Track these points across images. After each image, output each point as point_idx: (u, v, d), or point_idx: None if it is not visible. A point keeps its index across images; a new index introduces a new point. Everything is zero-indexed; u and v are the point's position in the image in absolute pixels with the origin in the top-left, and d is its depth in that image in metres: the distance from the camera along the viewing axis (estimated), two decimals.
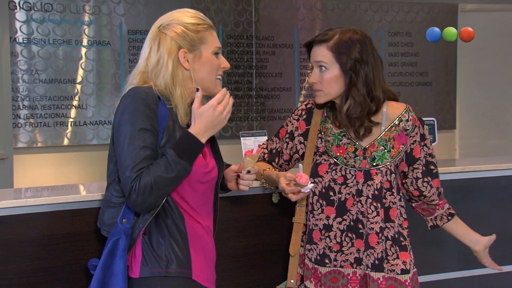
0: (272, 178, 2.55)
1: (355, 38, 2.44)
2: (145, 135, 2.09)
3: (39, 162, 5.54)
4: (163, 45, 2.20)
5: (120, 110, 2.13)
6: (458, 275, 3.39)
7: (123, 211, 2.15)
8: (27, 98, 5.41)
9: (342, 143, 2.52)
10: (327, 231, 2.52)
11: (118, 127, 2.12)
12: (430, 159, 2.58)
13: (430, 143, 2.59)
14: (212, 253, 2.31)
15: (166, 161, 2.07)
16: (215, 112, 2.15)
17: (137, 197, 2.05)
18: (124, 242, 2.13)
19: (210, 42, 2.24)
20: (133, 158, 2.06)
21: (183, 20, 2.22)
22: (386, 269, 2.48)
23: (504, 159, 3.78)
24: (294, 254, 2.61)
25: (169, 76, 2.18)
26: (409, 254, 2.52)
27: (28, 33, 5.40)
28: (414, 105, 6.73)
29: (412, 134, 2.52)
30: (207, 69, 2.25)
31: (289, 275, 2.60)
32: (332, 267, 2.52)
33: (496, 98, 7.18)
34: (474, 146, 7.08)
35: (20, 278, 2.40)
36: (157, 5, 5.69)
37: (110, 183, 2.21)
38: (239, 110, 6.00)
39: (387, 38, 6.64)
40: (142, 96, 2.12)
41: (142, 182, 2.04)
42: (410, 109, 2.54)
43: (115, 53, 5.67)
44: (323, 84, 2.45)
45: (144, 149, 2.07)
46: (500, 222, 3.47)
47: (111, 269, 2.13)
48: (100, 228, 2.25)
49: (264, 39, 6.19)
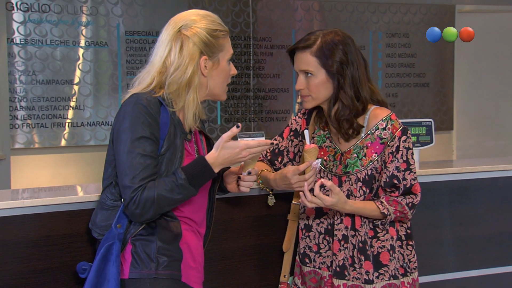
0: (269, 180, 2.55)
1: (337, 39, 2.42)
2: (145, 144, 2.08)
3: (37, 163, 5.53)
4: (186, 48, 2.17)
5: (121, 117, 2.12)
6: (455, 276, 3.39)
7: (118, 216, 2.15)
8: (24, 99, 5.40)
9: (325, 145, 2.52)
10: (307, 231, 2.55)
11: (118, 134, 2.11)
12: (396, 172, 2.42)
13: (406, 156, 2.43)
14: (201, 256, 2.32)
15: (175, 183, 2.07)
16: (239, 154, 2.13)
17: (136, 209, 2.06)
18: (118, 247, 2.13)
19: (227, 49, 2.25)
20: (133, 167, 2.06)
21: (206, 25, 2.20)
22: (350, 276, 2.45)
23: (502, 160, 3.79)
24: (286, 250, 2.66)
25: (185, 80, 2.16)
26: (372, 265, 2.44)
27: (26, 34, 5.39)
28: (412, 106, 6.74)
29: (390, 143, 2.43)
30: (222, 77, 2.26)
31: (283, 271, 2.67)
32: (312, 267, 2.54)
33: (494, 99, 7.18)
34: (472, 147, 7.09)
35: (17, 279, 2.39)
36: (155, 6, 5.68)
37: (106, 186, 2.21)
38: (236, 111, 5.99)
39: (385, 39, 6.64)
40: (143, 104, 2.10)
41: (144, 196, 2.04)
42: (391, 118, 2.45)
43: (112, 54, 5.66)
44: (311, 90, 2.43)
45: (144, 157, 2.07)
46: (497, 223, 3.47)
47: (104, 274, 2.13)
48: (91, 229, 2.24)
49: (261, 40, 6.18)
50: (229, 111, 5.97)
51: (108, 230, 2.16)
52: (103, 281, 2.13)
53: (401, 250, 2.48)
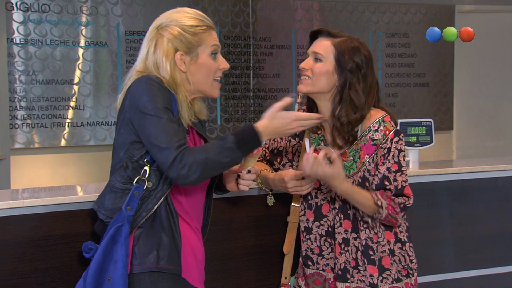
0: (268, 180, 2.55)
1: (362, 49, 2.42)
2: (169, 114, 2.09)
3: (36, 163, 5.53)
4: (159, 46, 2.19)
5: (136, 95, 2.11)
6: (455, 276, 3.39)
7: (128, 198, 2.14)
8: (24, 99, 5.40)
9: (319, 148, 2.51)
10: (308, 233, 2.54)
11: (138, 110, 2.09)
12: (387, 173, 2.39)
13: (397, 158, 2.41)
14: (202, 254, 2.31)
15: (223, 145, 2.06)
16: (289, 125, 2.14)
17: (183, 169, 2.02)
18: (127, 229, 2.12)
19: (207, 43, 2.23)
20: (166, 132, 2.05)
21: (181, 21, 2.21)
22: (353, 279, 2.44)
23: (501, 160, 3.79)
24: (287, 252, 2.65)
25: (170, 77, 2.17)
26: (377, 269, 2.43)
27: (25, 34, 5.39)
28: (412, 106, 6.74)
29: (383, 145, 2.41)
30: (204, 72, 2.23)
31: (283, 273, 2.65)
32: (315, 269, 2.54)
33: (493, 99, 7.18)
34: (472, 147, 7.09)
35: (17, 279, 2.40)
36: (155, 6, 5.69)
37: (117, 169, 2.19)
38: (236, 111, 5.99)
39: (384, 39, 6.64)
40: (156, 80, 2.12)
41: (192, 157, 2.02)
42: (384, 120, 2.43)
43: (112, 54, 5.66)
44: (314, 73, 2.41)
45: (172, 123, 2.07)
46: (497, 223, 3.47)
47: (111, 255, 2.12)
48: (97, 211, 2.22)
49: (261, 40, 6.18)
50: (229, 111, 5.97)
51: (117, 212, 2.15)
52: (109, 262, 2.11)
53: (402, 252, 2.48)
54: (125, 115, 2.15)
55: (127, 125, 2.15)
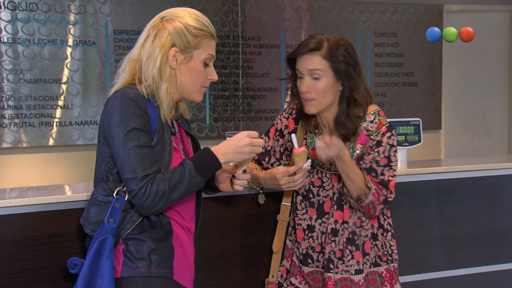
0: (258, 179, 2.55)
1: (341, 42, 2.43)
2: (139, 135, 2.08)
3: (24, 163, 5.50)
4: (159, 37, 2.19)
5: (109, 112, 2.11)
6: (443, 275, 3.40)
7: (110, 211, 2.13)
8: (12, 98, 5.37)
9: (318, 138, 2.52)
10: (310, 231, 2.54)
11: (109, 130, 2.10)
12: (375, 166, 2.43)
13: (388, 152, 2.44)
14: (193, 254, 2.32)
15: (183, 172, 2.08)
16: (241, 141, 2.17)
17: (146, 201, 2.05)
18: (111, 242, 2.11)
19: (204, 49, 2.23)
20: (130, 159, 2.05)
21: (187, 20, 2.21)
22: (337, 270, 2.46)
23: (489, 160, 3.81)
24: (277, 251, 2.65)
25: (157, 70, 2.17)
26: (361, 254, 2.46)
27: (13, 33, 5.36)
28: (400, 105, 6.75)
29: (373, 137, 2.44)
30: (192, 76, 2.23)
31: (271, 271, 2.65)
32: (314, 268, 2.54)
33: (482, 98, 7.22)
34: (460, 146, 7.11)
35: (4, 279, 2.38)
36: (143, 5, 5.66)
37: (98, 182, 2.20)
38: (225, 111, 5.99)
39: (373, 39, 6.65)
40: (131, 97, 2.10)
41: (155, 188, 2.04)
42: (379, 113, 2.48)
43: (100, 53, 5.64)
44: (318, 93, 2.41)
45: (139, 148, 2.07)
46: (485, 223, 3.49)
47: (97, 269, 2.11)
48: (83, 225, 2.22)
49: (250, 39, 6.18)
50: (218, 111, 5.96)
51: (101, 225, 2.15)
52: (96, 276, 2.11)
53: (383, 239, 2.50)
54: (101, 129, 2.18)
55: (104, 138, 2.16)
